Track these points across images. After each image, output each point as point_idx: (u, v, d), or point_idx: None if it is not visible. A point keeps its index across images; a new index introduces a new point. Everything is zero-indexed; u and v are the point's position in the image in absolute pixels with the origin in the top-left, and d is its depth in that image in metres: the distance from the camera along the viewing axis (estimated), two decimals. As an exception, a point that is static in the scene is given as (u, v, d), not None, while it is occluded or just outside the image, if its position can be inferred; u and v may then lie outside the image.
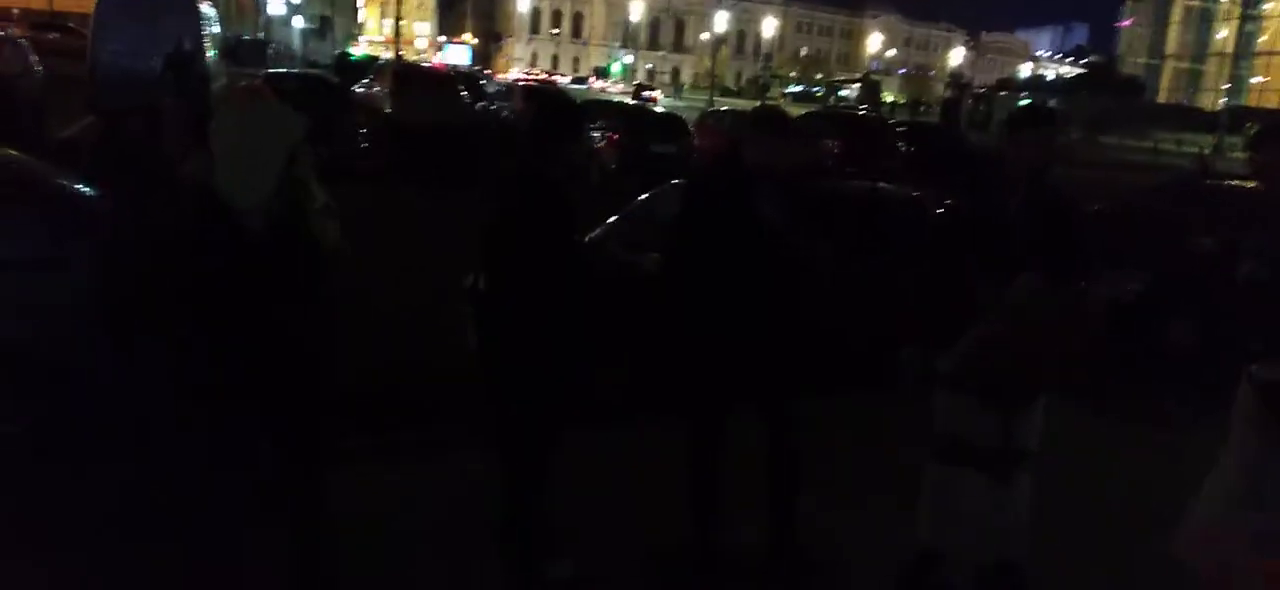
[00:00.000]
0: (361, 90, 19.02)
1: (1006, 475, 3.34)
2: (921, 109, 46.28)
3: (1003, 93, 33.21)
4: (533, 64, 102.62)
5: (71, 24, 29.83)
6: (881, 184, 6.87)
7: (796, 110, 20.85)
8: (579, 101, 6.16)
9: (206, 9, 16.26)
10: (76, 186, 5.04)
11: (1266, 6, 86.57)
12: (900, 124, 23.18)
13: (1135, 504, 4.34)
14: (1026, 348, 3.23)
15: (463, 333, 3.46)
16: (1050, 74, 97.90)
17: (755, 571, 3.77)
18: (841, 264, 4.29)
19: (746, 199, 3.49)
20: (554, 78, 67.70)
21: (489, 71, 60.49)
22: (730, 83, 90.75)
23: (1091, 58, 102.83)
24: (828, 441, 4.28)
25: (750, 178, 3.55)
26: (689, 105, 42.20)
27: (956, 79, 48.66)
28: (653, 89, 60.03)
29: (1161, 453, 4.77)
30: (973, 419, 3.32)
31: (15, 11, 34.23)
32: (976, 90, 40.43)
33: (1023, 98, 45.75)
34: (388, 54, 54.79)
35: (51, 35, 26.07)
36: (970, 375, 3.25)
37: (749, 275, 3.44)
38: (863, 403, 5.30)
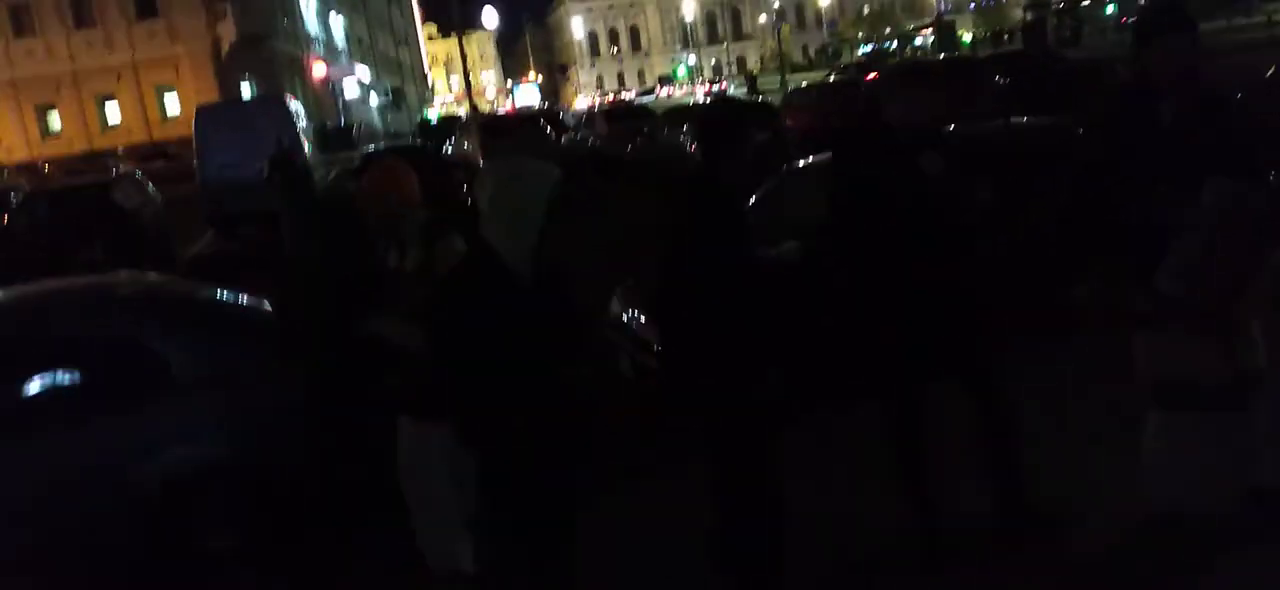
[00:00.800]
0: (451, 150, 19.46)
1: (1242, 403, 3.07)
2: (1005, 39, 44.62)
3: (1086, 2, 31.75)
4: (600, 86, 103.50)
5: (171, 150, 31.51)
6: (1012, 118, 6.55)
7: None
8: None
9: (294, 105, 16.92)
10: (227, 297, 5.20)
11: None
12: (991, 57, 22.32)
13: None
14: (1242, 256, 2.98)
15: (612, 360, 3.40)
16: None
17: (984, 541, 3.60)
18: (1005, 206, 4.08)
19: (902, 160, 3.35)
20: (622, 95, 67.89)
21: (563, 104, 61.03)
22: (799, 58, 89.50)
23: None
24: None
25: (898, 136, 3.41)
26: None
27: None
28: (719, 82, 59.02)
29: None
30: (1193, 352, 3.06)
31: (119, 149, 36.38)
32: (1058, 6, 38.77)
33: (1109, 3, 43.48)
34: (460, 109, 56.12)
35: (157, 163, 27.56)
36: (1189, 301, 3.01)
37: (923, 237, 3.29)
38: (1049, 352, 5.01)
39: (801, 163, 7.04)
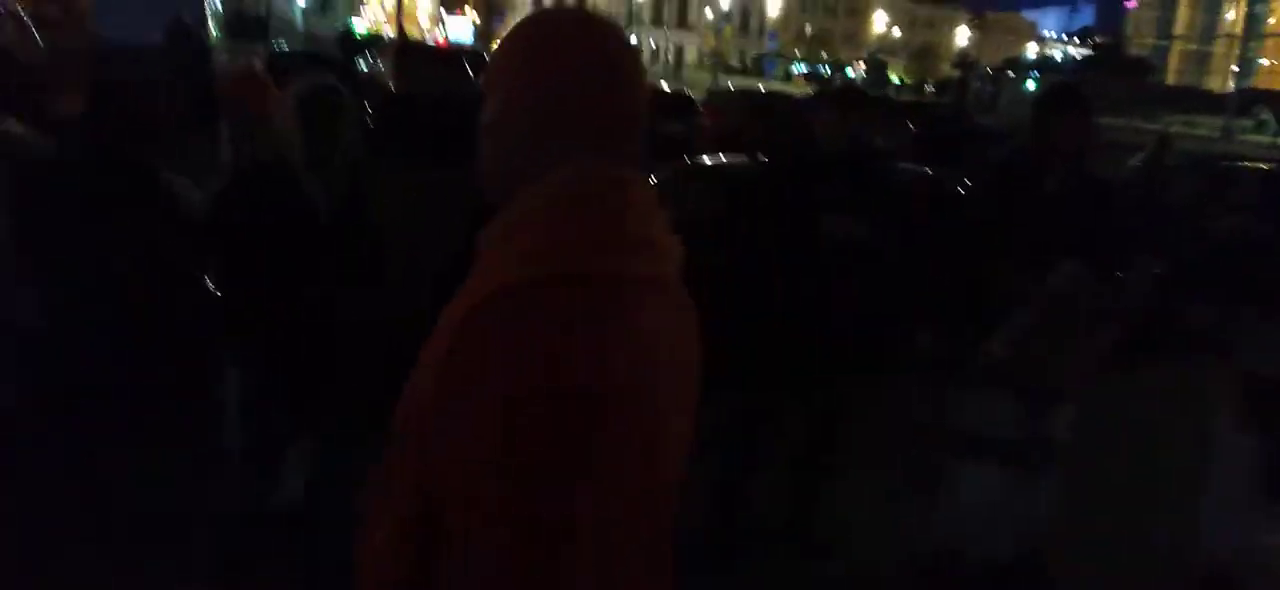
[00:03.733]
0: (366, 69, 18.85)
1: (1037, 467, 3.24)
2: (927, 89, 45.99)
3: (1010, 73, 32.96)
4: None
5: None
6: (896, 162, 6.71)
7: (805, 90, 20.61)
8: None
9: (209, -18, 16.10)
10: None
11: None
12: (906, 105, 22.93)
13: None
14: (1069, 337, 3.13)
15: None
16: (1057, 55, 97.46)
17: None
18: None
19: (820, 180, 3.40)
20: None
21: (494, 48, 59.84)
22: (734, 61, 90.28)
23: (1099, 39, 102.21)
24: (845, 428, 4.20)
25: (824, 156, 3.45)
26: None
27: (963, 59, 48.33)
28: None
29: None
30: (1001, 412, 3.22)
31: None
32: (985, 70, 40.21)
33: (1030, 79, 45.38)
34: (390, 30, 54.44)
35: (51, 7, 25.83)
36: (1011, 366, 3.14)
37: (801, 257, 3.37)
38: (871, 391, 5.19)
39: (704, 159, 7.08)
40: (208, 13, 14.33)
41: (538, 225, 1.09)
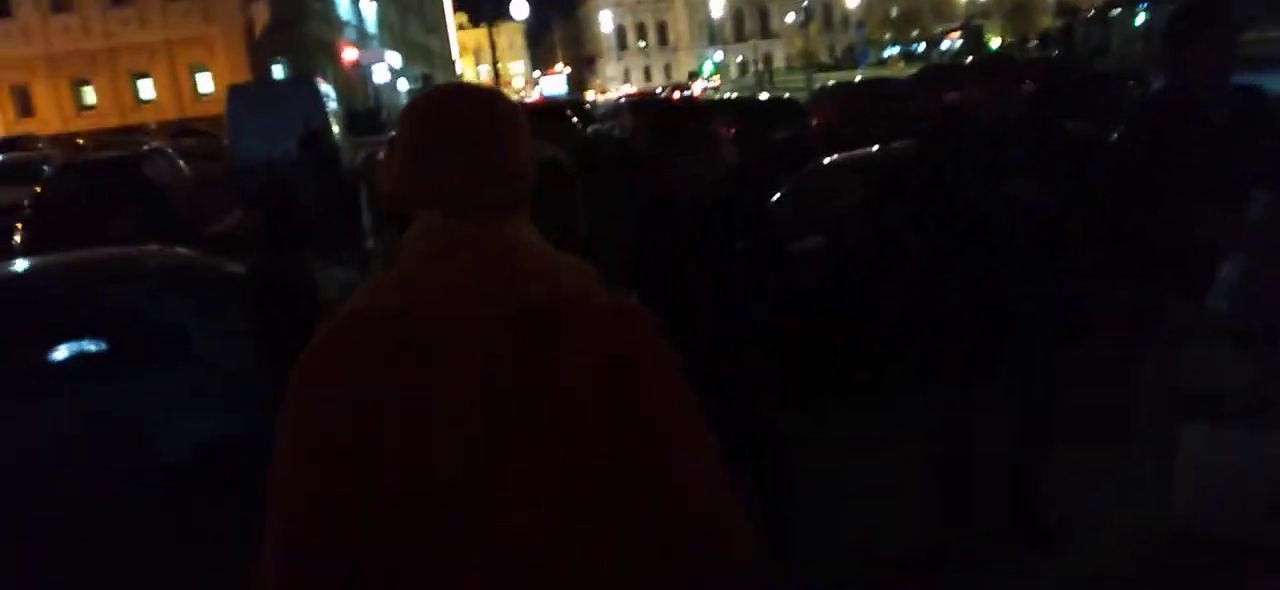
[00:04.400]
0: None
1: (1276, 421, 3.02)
2: (1030, 44, 44.18)
3: (1117, 11, 31.30)
4: (627, 79, 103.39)
5: (202, 128, 31.78)
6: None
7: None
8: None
9: (325, 88, 17.05)
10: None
11: None
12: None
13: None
14: None
15: None
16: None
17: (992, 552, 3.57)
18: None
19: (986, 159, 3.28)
20: (650, 90, 67.61)
21: (591, 95, 60.64)
22: (825, 57, 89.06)
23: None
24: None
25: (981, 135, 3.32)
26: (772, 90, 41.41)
27: (1065, 6, 46.20)
28: (688, 87, 54.37)
29: None
30: (1232, 367, 2.99)
31: (152, 125, 36.74)
32: (1088, 14, 38.32)
33: (1139, 11, 42.87)
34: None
35: (188, 140, 27.81)
36: (1233, 316, 2.96)
37: (987, 246, 3.22)
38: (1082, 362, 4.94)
39: (827, 160, 7.04)
40: (331, 118, 15.16)
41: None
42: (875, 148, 6.69)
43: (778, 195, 6.26)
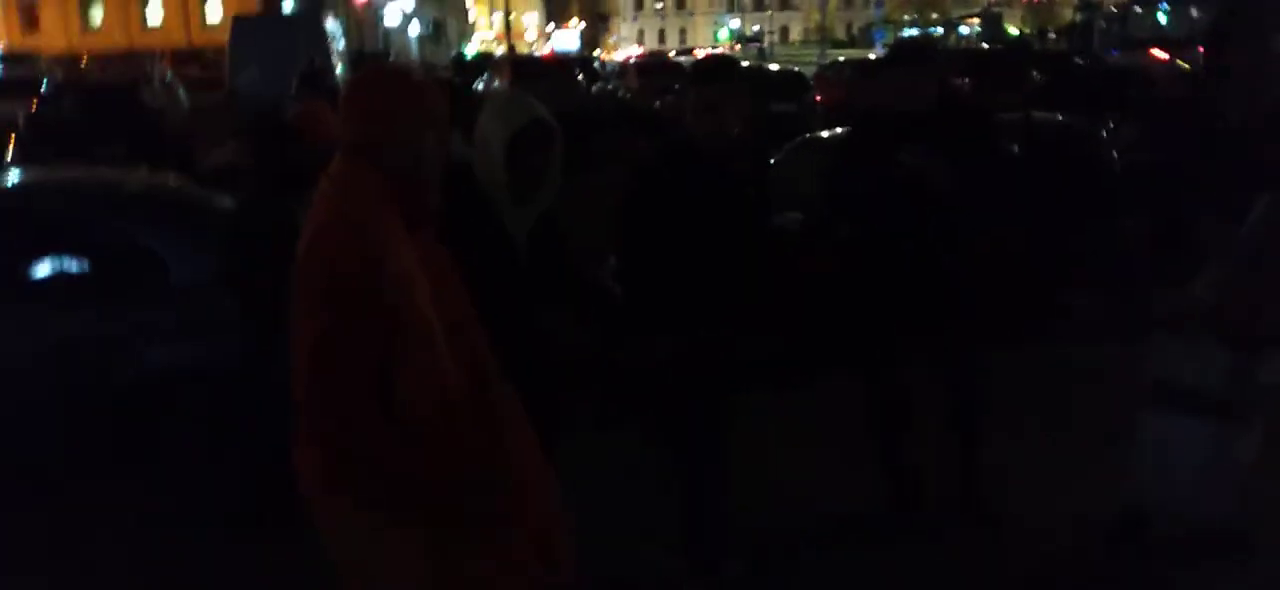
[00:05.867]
0: (481, 87, 19.40)
1: (1245, 419, 3.04)
2: (1049, 37, 43.79)
3: (1138, 8, 30.99)
4: (640, 41, 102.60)
5: (207, 57, 31.60)
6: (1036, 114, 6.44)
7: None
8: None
9: (331, 27, 16.91)
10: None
11: None
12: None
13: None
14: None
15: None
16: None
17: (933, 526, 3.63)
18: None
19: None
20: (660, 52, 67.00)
21: (599, 54, 60.17)
22: (841, 34, 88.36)
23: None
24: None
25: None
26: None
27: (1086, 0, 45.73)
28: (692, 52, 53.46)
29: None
30: (1207, 363, 3.02)
31: (159, 53, 36.57)
32: (1109, 9, 38.00)
33: (1160, 10, 42.52)
34: (500, 49, 55.71)
35: (191, 68, 27.63)
36: (1220, 316, 2.97)
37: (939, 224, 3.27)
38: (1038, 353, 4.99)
39: (822, 134, 7.01)
40: (334, 56, 15.05)
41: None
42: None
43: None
